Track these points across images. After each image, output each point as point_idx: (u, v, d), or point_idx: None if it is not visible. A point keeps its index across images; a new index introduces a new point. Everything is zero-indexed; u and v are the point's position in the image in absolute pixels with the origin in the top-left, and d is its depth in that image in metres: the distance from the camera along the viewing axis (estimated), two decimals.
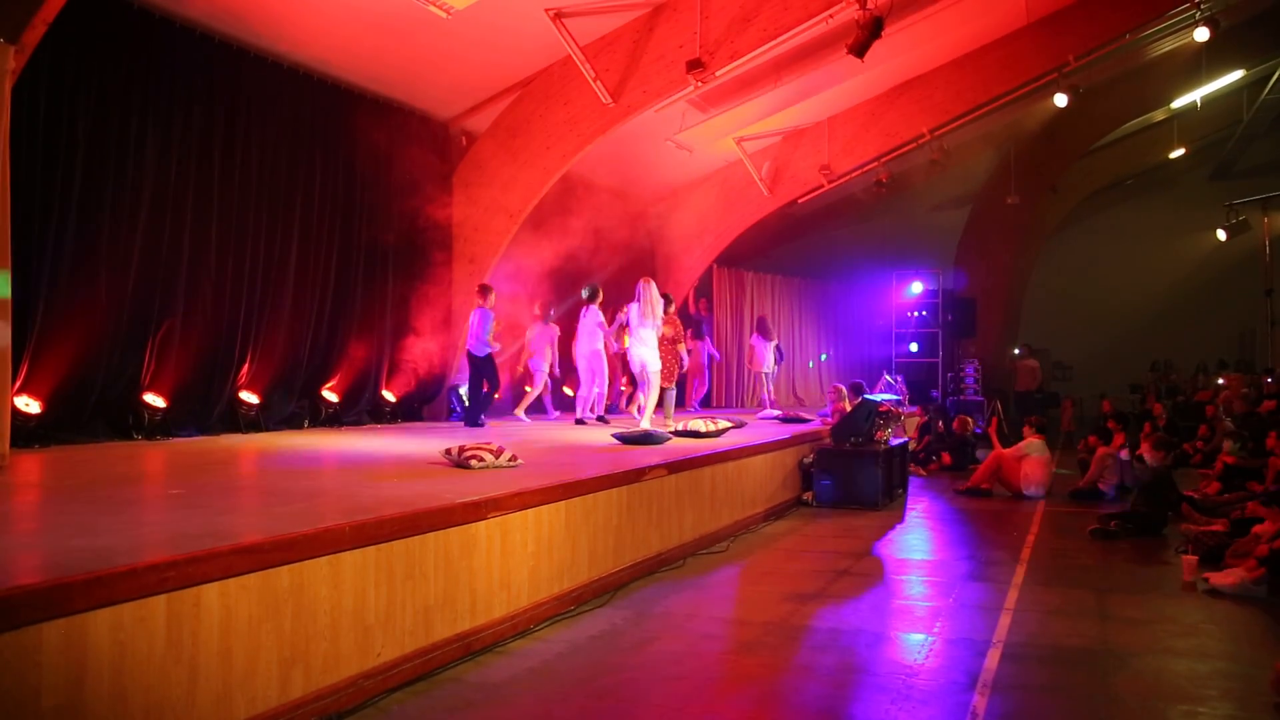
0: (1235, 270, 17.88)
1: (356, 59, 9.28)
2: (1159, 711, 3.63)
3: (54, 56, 6.74)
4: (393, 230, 10.31)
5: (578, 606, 5.02)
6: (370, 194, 10.05)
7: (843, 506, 8.64)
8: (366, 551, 3.70)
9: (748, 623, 4.86)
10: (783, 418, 11.51)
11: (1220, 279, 18.34)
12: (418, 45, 9.11)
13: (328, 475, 5.73)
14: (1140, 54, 13.69)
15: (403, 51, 9.23)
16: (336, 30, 8.63)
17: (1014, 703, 3.69)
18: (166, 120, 7.80)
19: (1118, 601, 5.37)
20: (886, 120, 13.39)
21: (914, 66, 12.68)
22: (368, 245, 10.05)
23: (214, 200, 8.23)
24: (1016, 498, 9.54)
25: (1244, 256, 17.33)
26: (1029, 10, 11.72)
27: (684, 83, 9.44)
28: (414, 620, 3.93)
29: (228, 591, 3.12)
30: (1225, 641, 4.61)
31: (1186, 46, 13.08)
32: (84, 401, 7.26)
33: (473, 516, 4.32)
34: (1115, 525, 7.38)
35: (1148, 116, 16.68)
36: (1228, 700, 3.77)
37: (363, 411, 10.08)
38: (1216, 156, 18.00)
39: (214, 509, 4.20)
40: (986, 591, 5.57)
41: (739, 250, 15.85)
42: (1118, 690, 3.87)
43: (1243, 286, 17.78)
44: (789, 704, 3.73)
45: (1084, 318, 19.13)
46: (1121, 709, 3.66)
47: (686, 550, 6.43)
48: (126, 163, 7.47)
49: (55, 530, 3.59)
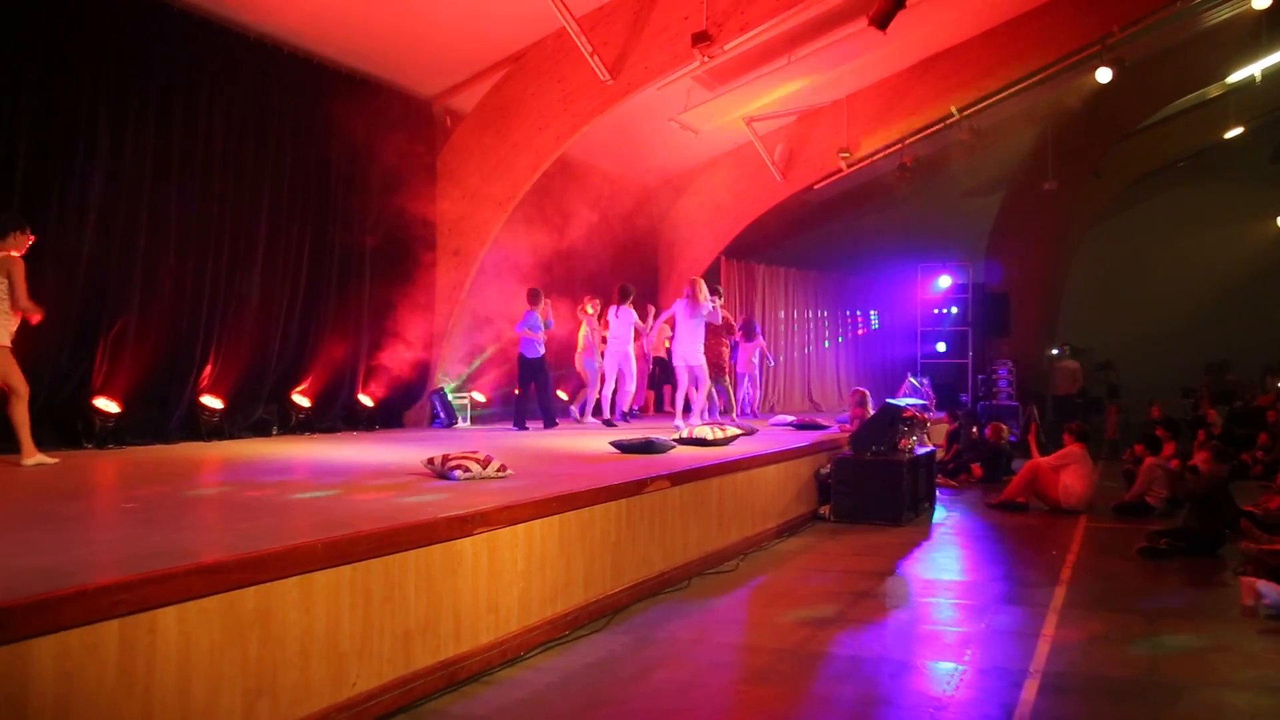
0: None
1: (330, 30, 9.28)
2: None
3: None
4: (370, 219, 10.32)
5: (573, 631, 5.00)
6: (346, 179, 10.06)
7: (863, 522, 8.61)
8: (341, 571, 3.69)
9: (759, 649, 4.84)
10: (797, 424, 11.51)
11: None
12: (398, 16, 9.10)
13: (298, 487, 5.71)
14: (1192, 23, 13.66)
15: (381, 22, 9.23)
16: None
17: None
18: (120, 96, 7.79)
19: (1169, 627, 5.34)
20: (911, 98, 13.38)
21: (942, 39, 12.66)
22: (343, 235, 10.06)
23: (173, 184, 8.22)
24: (1055, 512, 9.51)
25: None
26: None
27: (689, 57, 9.43)
28: (393, 647, 3.91)
29: (187, 616, 3.10)
30: None
31: (1244, 15, 13.05)
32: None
33: (458, 532, 4.30)
34: (1166, 543, 7.35)
35: (1201, 93, 16.62)
36: None
37: (337, 417, 10.08)
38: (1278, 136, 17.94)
39: (172, 525, 4.18)
40: (1022, 616, 5.54)
41: (749, 241, 15.86)
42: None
43: None
44: None
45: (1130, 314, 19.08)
46: None
47: (692, 569, 6.42)
48: (76, 143, 7.47)
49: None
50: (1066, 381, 17.65)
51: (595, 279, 13.69)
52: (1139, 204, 19.38)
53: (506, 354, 11.83)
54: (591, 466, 6.72)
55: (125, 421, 7.83)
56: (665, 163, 14.52)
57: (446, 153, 11.01)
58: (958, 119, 13.55)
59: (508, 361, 11.79)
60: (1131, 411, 17.61)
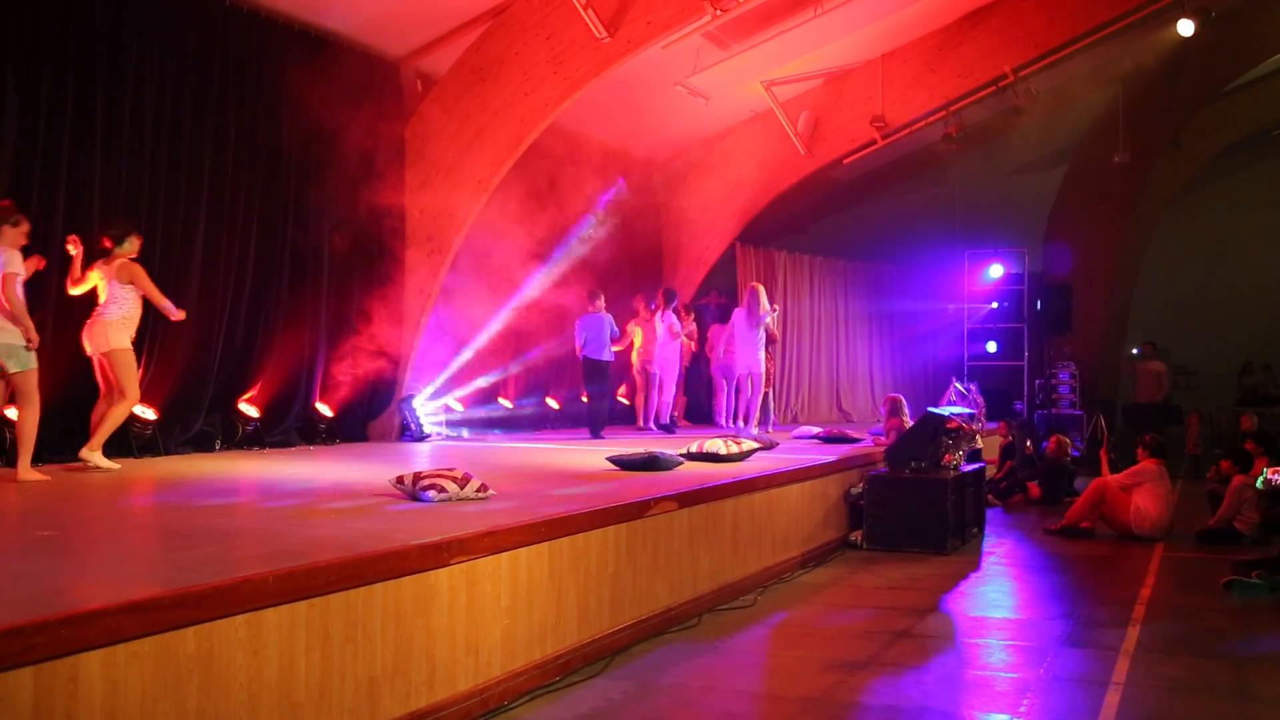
0: None
1: None
2: None
3: None
4: (328, 202, 10.36)
5: (564, 677, 5.01)
6: (300, 154, 10.09)
7: (901, 549, 8.64)
8: (295, 607, 3.69)
9: (781, 698, 4.85)
10: (824, 436, 11.53)
11: None
12: None
13: (245, 511, 5.73)
14: None
15: None
16: None
17: None
18: (33, 52, 7.77)
19: (1262, 675, 5.36)
20: (958, 57, 13.41)
21: None
22: (296, 220, 10.10)
23: (95, 159, 8.22)
24: (1126, 539, 9.53)
25: None
26: None
27: (699, 10, 9.47)
28: (355, 696, 3.92)
29: (114, 661, 3.10)
30: None
31: None
32: None
33: (431, 563, 4.32)
34: (1258, 575, 7.36)
35: None
36: None
37: (290, 429, 10.10)
38: None
39: (98, 555, 4.20)
40: (1088, 660, 5.56)
41: (769, 224, 15.90)
42: None
43: None
44: None
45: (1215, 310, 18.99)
46: None
47: (703, 605, 6.43)
48: None
49: None
50: (1151, 386, 17.49)
51: (591, 268, 13.72)
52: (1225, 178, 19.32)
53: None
54: (587, 486, 6.74)
55: (39, 436, 7.80)
56: (671, 133, 14.55)
57: (416, 123, 11.02)
58: (1012, 80, 13.53)
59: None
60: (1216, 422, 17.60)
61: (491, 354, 12.53)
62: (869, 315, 19.19)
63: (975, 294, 18.36)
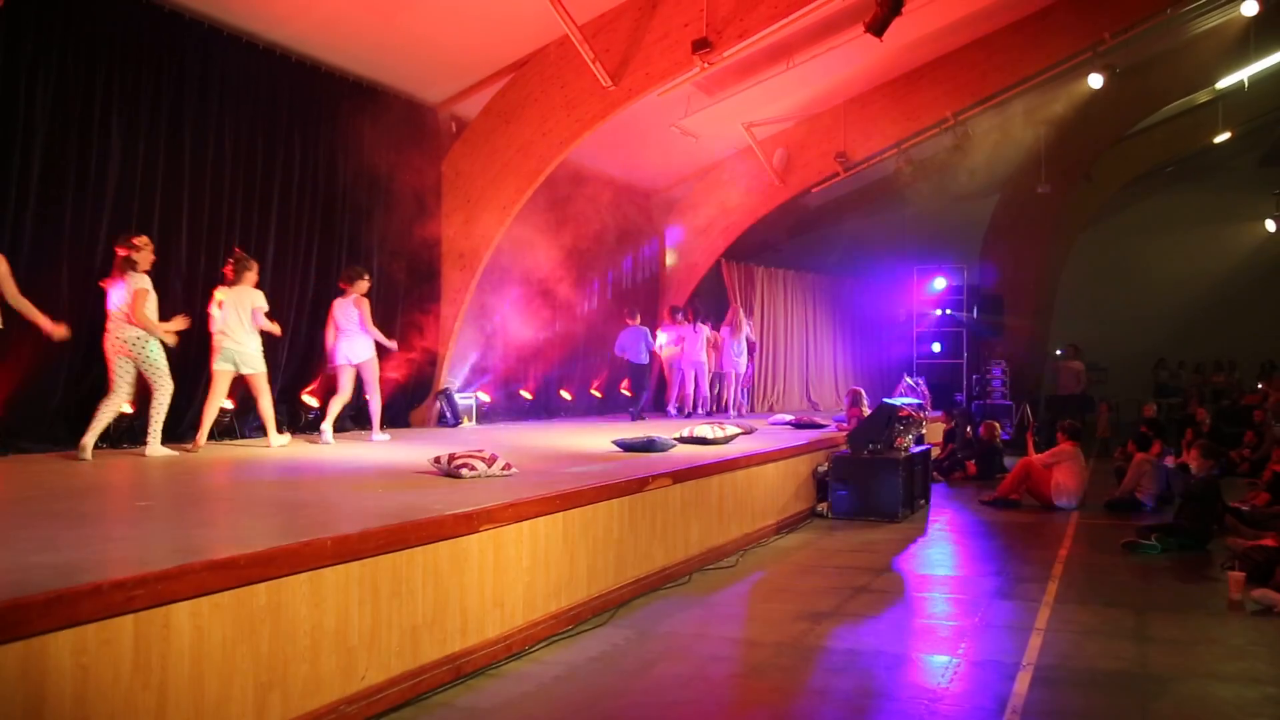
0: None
1: (337, 38, 9.28)
2: None
3: (10, 32, 6.79)
4: (376, 223, 10.32)
5: (576, 626, 5.02)
6: (352, 184, 10.06)
7: (860, 518, 8.64)
8: (350, 567, 3.70)
9: (759, 643, 4.86)
10: (795, 423, 11.53)
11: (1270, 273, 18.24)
12: (404, 23, 9.11)
13: (307, 486, 5.73)
14: (1182, 30, 13.64)
15: (387, 30, 9.23)
16: (317, 6, 8.65)
17: None
18: (133, 103, 7.79)
19: (1158, 621, 5.36)
20: (907, 103, 13.39)
21: (937, 46, 12.66)
22: (349, 239, 10.07)
23: (185, 189, 8.23)
24: (1047, 509, 9.53)
25: None
26: None
27: (689, 64, 9.44)
28: (400, 641, 3.93)
29: (200, 611, 3.12)
30: (1276, 665, 4.59)
31: (1233, 22, 13.03)
32: (44, 405, 7.27)
33: (464, 529, 4.32)
34: (1155, 538, 7.36)
35: (1190, 98, 16.57)
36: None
37: (345, 417, 10.07)
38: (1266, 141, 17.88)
39: (185, 522, 4.21)
40: (1015, 610, 5.56)
41: (749, 244, 15.88)
42: (1158, 718, 3.86)
43: None
44: None
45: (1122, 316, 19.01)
46: None
47: (693, 565, 6.43)
48: (90, 147, 7.47)
49: (11, 545, 3.58)
50: (1070, 381, 17.53)
51: (600, 281, 13.72)
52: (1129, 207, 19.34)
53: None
54: (595, 464, 6.75)
55: (139, 421, 7.83)
56: (666, 167, 14.52)
57: (452, 158, 11.01)
58: (953, 123, 13.54)
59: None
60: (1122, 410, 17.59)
61: (514, 353, 12.52)
62: (834, 320, 19.17)
63: (922, 302, 18.33)
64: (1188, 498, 7.92)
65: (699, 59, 9.27)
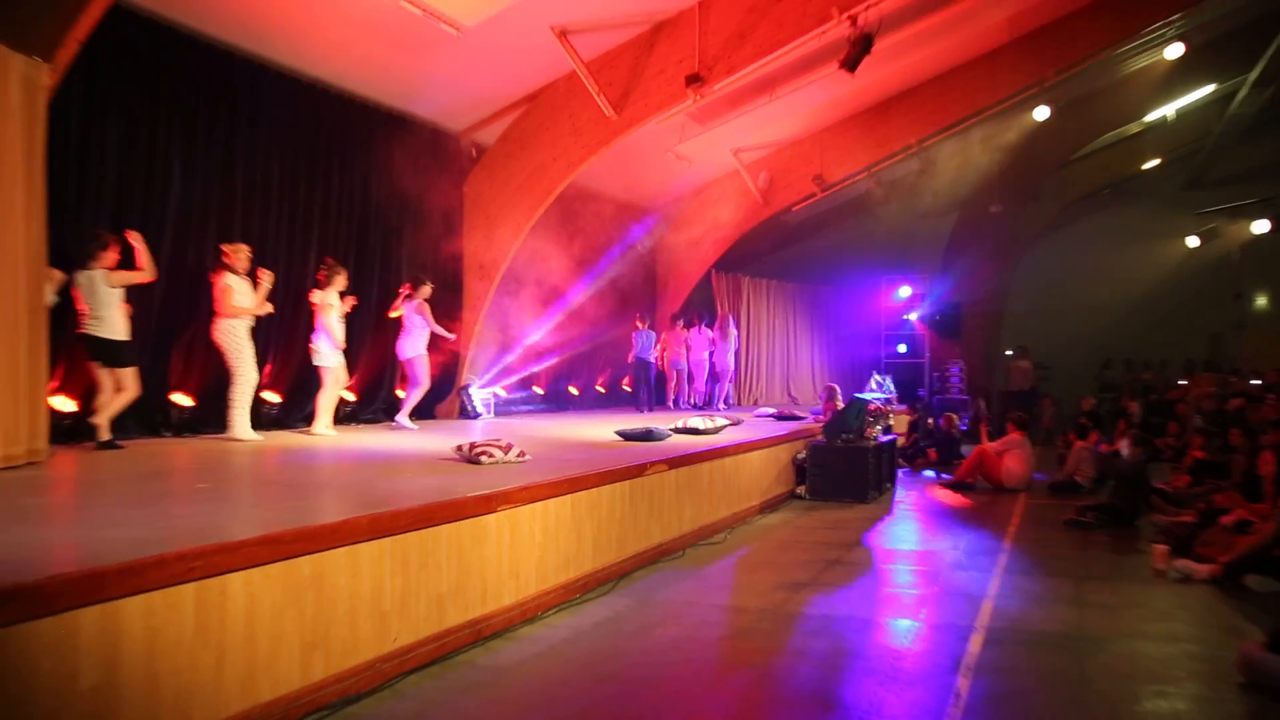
0: (1206, 275, 17.86)
1: (371, 73, 9.30)
2: (1131, 692, 3.65)
3: (88, 73, 6.80)
4: (406, 238, 10.33)
5: (582, 595, 5.04)
6: (384, 203, 10.06)
7: (834, 500, 8.66)
8: (383, 543, 3.73)
9: (744, 610, 4.87)
10: (777, 415, 11.54)
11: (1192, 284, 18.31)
12: (430, 60, 9.13)
13: (346, 470, 5.74)
14: (1116, 69, 13.69)
15: (416, 66, 9.25)
16: (353, 45, 8.66)
17: (995, 685, 3.71)
18: (191, 133, 7.83)
19: (1093, 589, 5.39)
20: (876, 132, 13.39)
21: (902, 81, 12.68)
22: (382, 252, 10.08)
23: (237, 210, 8.26)
24: (999, 491, 9.55)
25: (1214, 262, 17.34)
26: (1011, 27, 11.73)
27: (683, 96, 9.45)
28: (428, 607, 3.95)
29: (252, 580, 3.15)
30: (1194, 626, 4.63)
31: (1159, 63, 13.11)
32: None
33: (483, 509, 4.34)
34: (1091, 517, 7.40)
35: (1123, 129, 16.62)
36: (1195, 680, 3.80)
37: (378, 409, 10.10)
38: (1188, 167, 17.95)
39: (239, 502, 4.23)
40: (970, 580, 5.58)
41: (737, 256, 15.86)
42: (1093, 672, 3.89)
43: (1213, 291, 17.80)
44: (783, 686, 3.75)
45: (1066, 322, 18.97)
46: (1096, 691, 3.68)
47: (686, 541, 6.45)
48: (154, 174, 7.51)
49: (90, 522, 3.62)
50: (1020, 379, 17.59)
51: (603, 289, 13.71)
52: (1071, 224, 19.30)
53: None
54: (599, 452, 6.75)
55: (198, 414, 7.86)
56: (662, 188, 14.51)
57: (472, 180, 11.02)
58: (916, 150, 13.55)
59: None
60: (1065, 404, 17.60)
61: (528, 353, 12.53)
62: (811, 324, 19.15)
63: (890, 308, 18.34)
64: (1120, 480, 7.96)
65: (692, 92, 9.28)
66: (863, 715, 3.36)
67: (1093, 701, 3.56)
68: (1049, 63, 12.02)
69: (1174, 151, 17.21)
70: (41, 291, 5.64)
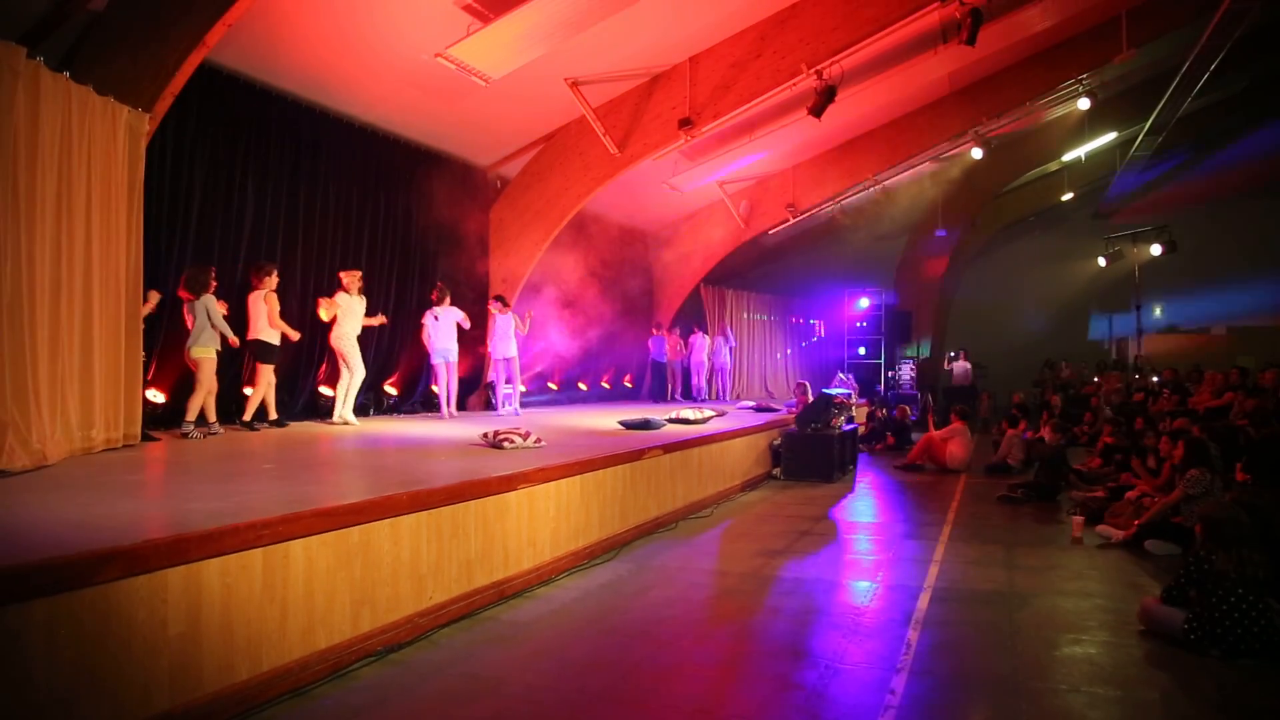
0: (1112, 289, 18.07)
1: (413, 118, 9.30)
2: (1052, 640, 3.67)
3: (180, 119, 6.84)
4: (441, 255, 10.33)
5: (590, 560, 5.04)
6: (423, 229, 10.07)
7: (804, 479, 8.65)
8: (420, 515, 3.73)
9: (728, 573, 4.87)
10: (756, 408, 11.54)
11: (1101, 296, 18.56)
12: (462, 106, 9.13)
13: (389, 454, 5.75)
14: (1038, 116, 13.76)
15: (450, 111, 9.25)
16: (398, 94, 8.66)
17: (940, 635, 3.72)
18: (263, 170, 7.86)
19: (1021, 553, 5.40)
20: (841, 166, 13.39)
21: (862, 125, 12.70)
22: (420, 268, 10.09)
23: (299, 235, 8.28)
24: (944, 472, 9.56)
25: (1119, 279, 17.49)
26: (952, 82, 11.83)
27: (676, 137, 9.47)
28: (458, 571, 3.96)
29: (310, 547, 3.16)
30: (1104, 584, 4.64)
31: (1073, 112, 13.26)
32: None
33: (505, 488, 4.35)
34: (1020, 493, 7.41)
35: (1044, 166, 16.76)
36: (1105, 629, 3.81)
37: (416, 403, 10.10)
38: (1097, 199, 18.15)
39: (299, 481, 4.23)
40: (919, 547, 5.59)
41: (722, 272, 15.85)
42: (1021, 623, 3.90)
43: (1118, 302, 17.95)
44: (761, 637, 3.76)
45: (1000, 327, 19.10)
46: (1023, 638, 3.70)
47: (678, 515, 6.45)
48: (231, 207, 7.54)
49: (176, 496, 3.62)
50: (961, 376, 17.58)
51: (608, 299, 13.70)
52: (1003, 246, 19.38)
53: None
54: (604, 439, 6.75)
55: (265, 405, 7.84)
56: (658, 214, 14.52)
57: (497, 208, 11.02)
58: (874, 182, 13.57)
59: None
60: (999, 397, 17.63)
61: (543, 355, 12.53)
62: (786, 330, 19.13)
63: (852, 316, 18.33)
64: (1043, 462, 7.97)
65: (683, 133, 9.29)
66: (829, 663, 3.37)
67: (1021, 648, 3.57)
68: (982, 111, 12.13)
69: (1085, 186, 17.34)
70: (139, 303, 5.67)
